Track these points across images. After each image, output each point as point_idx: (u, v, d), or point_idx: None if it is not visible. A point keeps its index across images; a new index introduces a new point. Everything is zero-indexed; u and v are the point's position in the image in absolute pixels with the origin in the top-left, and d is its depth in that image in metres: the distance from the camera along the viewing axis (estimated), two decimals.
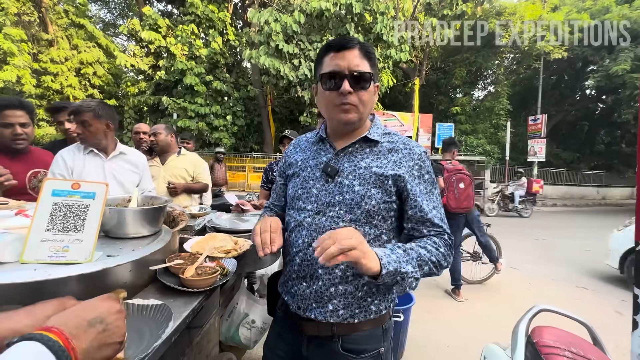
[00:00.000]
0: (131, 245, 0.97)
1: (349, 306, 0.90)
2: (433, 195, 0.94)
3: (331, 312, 0.90)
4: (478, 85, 21.02)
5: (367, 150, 0.95)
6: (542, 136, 14.75)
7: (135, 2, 16.89)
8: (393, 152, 0.94)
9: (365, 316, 0.91)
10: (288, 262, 1.02)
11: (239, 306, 1.77)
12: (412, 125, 14.15)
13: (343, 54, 0.88)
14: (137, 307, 0.83)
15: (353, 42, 0.90)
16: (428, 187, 0.93)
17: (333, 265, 0.88)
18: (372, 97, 0.93)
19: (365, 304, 0.91)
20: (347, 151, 0.95)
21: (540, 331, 1.25)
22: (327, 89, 0.90)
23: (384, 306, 0.93)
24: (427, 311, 3.27)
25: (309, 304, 0.92)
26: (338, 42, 0.90)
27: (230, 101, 14.14)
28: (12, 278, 0.65)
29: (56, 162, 1.75)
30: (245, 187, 13.64)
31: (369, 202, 0.89)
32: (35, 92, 13.23)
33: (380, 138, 0.96)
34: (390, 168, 0.91)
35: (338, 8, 10.71)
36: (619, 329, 2.57)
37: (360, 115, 0.92)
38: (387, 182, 0.89)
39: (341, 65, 0.87)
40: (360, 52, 0.89)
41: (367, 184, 0.90)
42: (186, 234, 1.56)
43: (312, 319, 0.91)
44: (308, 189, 0.96)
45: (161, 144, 2.69)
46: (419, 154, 0.94)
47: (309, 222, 0.94)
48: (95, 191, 0.81)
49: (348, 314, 0.90)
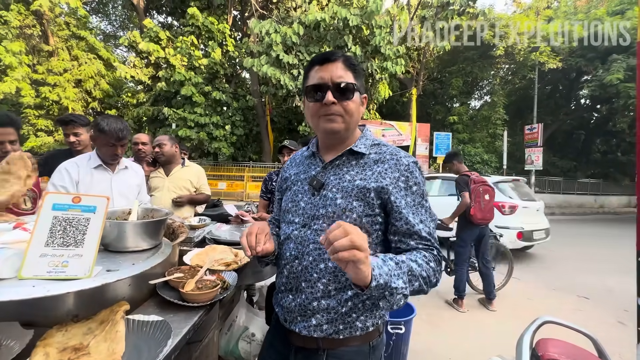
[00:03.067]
0: (131, 259, 0.95)
1: (333, 322, 0.88)
2: (422, 208, 0.90)
3: (315, 326, 0.89)
4: (474, 95, 21.30)
5: (353, 163, 0.94)
6: (538, 145, 14.87)
7: (135, 14, 17.13)
8: (379, 163, 0.92)
9: (350, 332, 0.88)
10: (278, 275, 1.03)
11: (239, 319, 1.74)
12: (410, 135, 14.25)
13: (327, 67, 0.90)
14: (137, 324, 0.82)
15: (336, 55, 0.91)
16: (416, 199, 0.90)
17: (315, 279, 0.89)
18: (358, 108, 0.93)
19: (349, 319, 0.88)
20: (334, 164, 0.95)
21: (545, 344, 1.23)
22: (312, 100, 0.92)
23: (370, 323, 0.90)
24: (427, 322, 3.23)
25: (294, 317, 0.92)
26: (322, 56, 0.92)
27: (229, 111, 14.24)
28: (11, 295, 0.64)
29: (59, 175, 1.72)
30: (244, 197, 13.60)
31: (350, 215, 0.87)
32: (34, 102, 13.27)
33: (367, 150, 0.95)
34: (373, 180, 0.89)
35: (335, 21, 10.89)
36: (623, 341, 2.54)
37: (346, 124, 0.92)
38: (369, 195, 0.87)
39: (324, 77, 0.89)
40: (344, 64, 0.90)
41: (349, 197, 0.88)
42: (185, 245, 1.54)
43: (297, 332, 0.91)
44: (297, 202, 0.97)
45: (166, 155, 2.68)
46: (407, 164, 0.91)
47: (295, 235, 0.94)
48: (96, 205, 0.80)
49: (332, 330, 0.88)
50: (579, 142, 20.76)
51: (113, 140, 1.76)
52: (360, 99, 0.94)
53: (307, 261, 0.90)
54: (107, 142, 1.76)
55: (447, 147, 14.76)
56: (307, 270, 0.90)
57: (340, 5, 11.20)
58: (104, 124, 1.72)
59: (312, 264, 0.90)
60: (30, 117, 13.43)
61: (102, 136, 1.74)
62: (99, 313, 0.82)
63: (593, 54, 14.82)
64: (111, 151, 1.80)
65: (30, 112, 13.54)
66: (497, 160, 16.34)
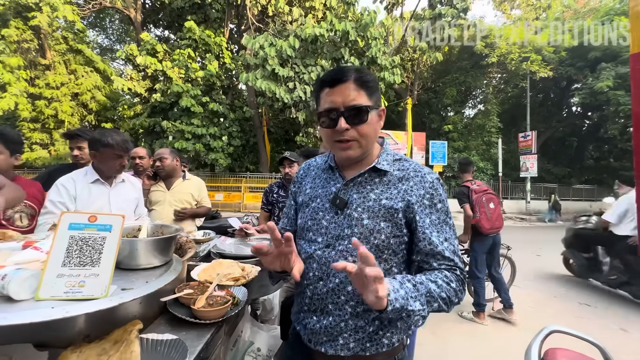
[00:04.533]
0: (144, 276, 0.95)
1: (360, 340, 0.87)
2: (447, 226, 0.88)
3: (342, 345, 0.88)
4: (468, 104, 21.64)
5: (376, 180, 0.91)
6: (533, 152, 15.09)
7: (132, 28, 17.32)
8: (404, 181, 0.89)
9: (377, 349, 0.88)
10: (299, 294, 1.00)
11: (244, 334, 1.73)
12: (406, 144, 14.38)
13: (338, 89, 0.84)
14: (151, 343, 0.81)
15: (347, 75, 0.85)
16: (441, 216, 0.88)
17: (343, 301, 0.88)
18: (374, 127, 0.89)
19: (377, 337, 0.88)
20: (356, 181, 0.92)
21: (554, 354, 1.23)
22: (325, 126, 0.88)
23: (396, 338, 0.90)
24: (431, 332, 3.21)
25: (320, 338, 0.90)
26: (332, 76, 0.86)
27: (226, 122, 14.31)
28: (30, 317, 0.64)
29: (57, 191, 1.70)
30: (241, 208, 13.55)
31: (378, 237, 0.85)
32: (30, 116, 13.25)
33: (390, 167, 0.92)
34: (400, 199, 0.87)
35: (333, 34, 11.08)
36: (628, 348, 2.54)
37: (362, 149, 0.89)
38: (397, 216, 0.86)
39: (336, 101, 0.84)
40: (356, 84, 0.84)
41: (377, 217, 0.86)
42: (191, 260, 1.54)
43: (323, 352, 0.90)
44: (318, 220, 0.94)
45: (167, 169, 2.67)
46: (431, 181, 0.89)
47: (319, 255, 0.91)
48: (112, 224, 0.81)
49: (359, 348, 0.87)
50: (571, 148, 21.09)
51: (120, 152, 1.77)
52: (377, 116, 0.90)
53: (334, 283, 0.88)
54: (114, 154, 1.76)
55: (443, 156, 14.90)
56: (335, 292, 0.89)
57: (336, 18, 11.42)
58: (108, 138, 1.73)
59: (338, 286, 0.88)
60: (25, 131, 13.39)
61: (108, 150, 1.74)
62: (112, 333, 0.81)
63: (582, 63, 15.21)
64: (118, 163, 1.80)
65: (25, 125, 13.51)
66: (493, 168, 16.52)
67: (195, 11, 14.71)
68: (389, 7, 16.40)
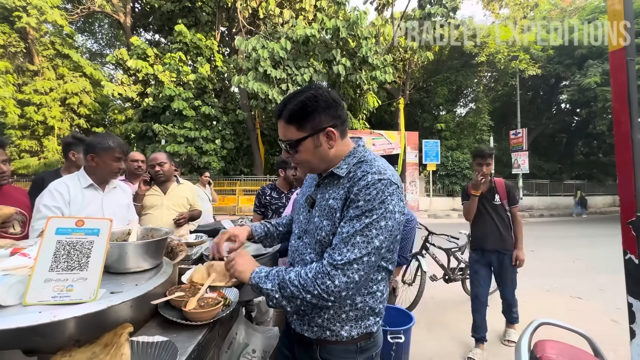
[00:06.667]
0: (133, 280, 0.95)
1: (320, 327, 0.97)
2: (358, 223, 0.86)
3: (308, 327, 1.00)
4: (460, 103, 21.82)
5: (334, 183, 0.99)
6: (524, 149, 15.28)
7: (122, 32, 17.17)
8: (350, 182, 0.92)
9: (337, 340, 0.97)
10: None
11: (238, 336, 1.72)
12: (400, 143, 14.45)
13: (278, 123, 0.98)
14: (141, 345, 0.81)
15: (279, 112, 0.96)
16: (356, 212, 0.87)
17: None
18: (312, 152, 0.95)
19: (335, 328, 0.96)
20: (322, 184, 1.04)
21: (543, 345, 1.26)
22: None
23: (356, 332, 0.97)
24: (427, 330, 3.23)
25: (291, 315, 1.05)
26: (275, 111, 1.00)
27: (219, 125, 14.25)
28: (17, 322, 0.64)
29: (50, 196, 1.67)
30: (236, 211, 13.48)
31: (320, 233, 0.96)
32: (18, 123, 13.04)
33: (347, 169, 0.95)
34: (339, 198, 0.93)
35: (325, 33, 11.11)
36: (618, 339, 2.58)
37: (311, 167, 1.01)
38: (335, 215, 0.93)
39: (279, 133, 0.99)
40: (284, 120, 0.95)
41: (322, 216, 0.97)
42: (183, 263, 1.53)
43: (293, 329, 1.05)
44: (298, 215, 1.12)
45: (167, 174, 2.66)
46: (368, 180, 0.88)
47: (292, 244, 1.09)
48: (100, 227, 0.81)
49: (320, 333, 0.98)
50: (561, 145, 21.41)
51: (120, 154, 1.78)
52: (313, 141, 0.93)
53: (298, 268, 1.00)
54: (114, 157, 1.77)
55: (436, 154, 15.01)
56: None
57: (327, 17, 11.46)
58: (109, 141, 1.75)
59: None
60: (13, 138, 13.17)
61: (108, 153, 1.74)
62: (103, 336, 0.81)
63: (570, 61, 15.44)
64: (118, 165, 1.81)
65: (14, 132, 13.29)
66: None
67: (185, 15, 14.65)
68: (379, 7, 16.51)
